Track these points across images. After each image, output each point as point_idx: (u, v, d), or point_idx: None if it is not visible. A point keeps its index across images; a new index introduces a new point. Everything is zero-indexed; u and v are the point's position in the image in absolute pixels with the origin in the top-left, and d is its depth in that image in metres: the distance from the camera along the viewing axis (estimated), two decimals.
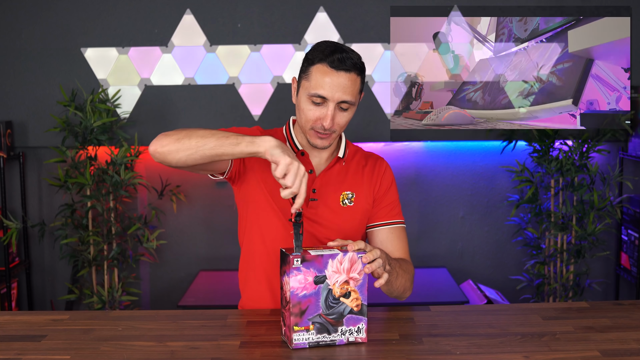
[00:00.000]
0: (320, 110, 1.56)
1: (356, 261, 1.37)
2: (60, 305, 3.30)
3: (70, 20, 3.12)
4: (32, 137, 3.20)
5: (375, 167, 1.74)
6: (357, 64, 1.57)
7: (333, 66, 1.53)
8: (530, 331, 1.45)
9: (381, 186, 1.72)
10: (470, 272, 3.30)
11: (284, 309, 1.39)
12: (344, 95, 1.55)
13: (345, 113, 1.58)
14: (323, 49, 1.57)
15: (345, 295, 1.37)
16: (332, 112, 1.55)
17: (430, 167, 3.26)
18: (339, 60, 1.53)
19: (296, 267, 1.34)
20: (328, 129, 1.57)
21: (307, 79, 1.57)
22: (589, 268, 3.13)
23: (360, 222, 1.70)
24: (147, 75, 3.15)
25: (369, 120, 3.14)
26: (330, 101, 1.55)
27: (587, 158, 3.02)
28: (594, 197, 2.97)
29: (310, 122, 1.58)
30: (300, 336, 1.36)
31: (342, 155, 1.70)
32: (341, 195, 1.68)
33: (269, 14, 3.12)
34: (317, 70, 1.55)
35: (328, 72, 1.54)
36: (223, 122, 3.15)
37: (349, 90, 1.55)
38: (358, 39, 3.12)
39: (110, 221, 3.06)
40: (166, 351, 1.37)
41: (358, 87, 1.58)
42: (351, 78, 1.55)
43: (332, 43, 1.59)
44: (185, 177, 3.23)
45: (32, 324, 1.55)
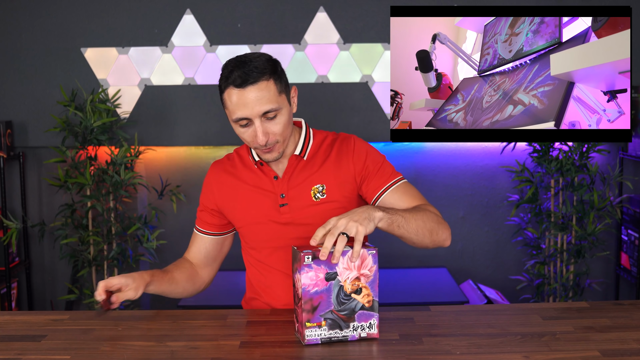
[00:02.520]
0: (251, 129, 1.54)
1: (367, 257, 1.38)
2: (60, 305, 3.30)
3: (70, 20, 3.12)
4: (32, 137, 3.20)
5: (342, 149, 1.68)
6: (262, 69, 1.51)
7: (237, 85, 1.49)
8: (530, 331, 1.45)
9: (356, 164, 1.66)
10: (470, 272, 3.30)
11: (296, 306, 1.40)
12: (262, 107, 1.50)
13: (275, 120, 1.54)
14: (225, 72, 1.53)
15: (356, 291, 1.38)
16: (261, 127, 1.52)
17: (430, 167, 3.26)
18: (240, 78, 1.49)
19: (307, 264, 1.35)
20: (264, 144, 1.55)
21: (225, 107, 1.55)
22: (589, 268, 3.13)
23: (341, 209, 1.65)
24: (147, 75, 3.16)
25: (369, 120, 3.14)
26: (253, 118, 1.52)
27: (587, 158, 3.02)
28: (594, 197, 2.97)
29: (250, 143, 1.58)
30: (313, 332, 1.37)
31: (299, 152, 1.66)
32: (311, 191, 1.65)
33: (269, 14, 3.12)
34: (228, 95, 1.52)
35: (236, 93, 1.50)
36: (223, 122, 3.15)
37: (265, 99, 1.50)
38: (358, 39, 3.12)
39: (110, 221, 3.06)
40: (166, 351, 1.37)
41: (274, 90, 1.52)
42: (261, 87, 1.50)
43: (233, 60, 1.54)
44: (185, 177, 3.23)
45: (32, 324, 1.55)
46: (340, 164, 1.67)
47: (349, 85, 3.13)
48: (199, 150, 3.25)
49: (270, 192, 1.67)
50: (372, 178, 1.66)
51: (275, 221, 1.66)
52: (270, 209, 1.66)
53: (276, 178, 1.66)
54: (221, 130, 3.16)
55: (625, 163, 3.20)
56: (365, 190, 1.68)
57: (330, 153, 1.68)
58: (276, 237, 1.66)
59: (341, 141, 1.70)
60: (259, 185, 1.68)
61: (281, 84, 1.56)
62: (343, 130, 1.88)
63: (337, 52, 3.13)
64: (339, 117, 3.11)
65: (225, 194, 1.71)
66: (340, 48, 3.12)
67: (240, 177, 1.70)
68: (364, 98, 3.13)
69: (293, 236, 1.64)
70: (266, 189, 1.67)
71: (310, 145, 1.69)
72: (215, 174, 1.74)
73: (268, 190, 1.67)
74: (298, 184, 1.66)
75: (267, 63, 1.53)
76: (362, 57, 3.12)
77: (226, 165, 1.75)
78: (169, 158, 3.25)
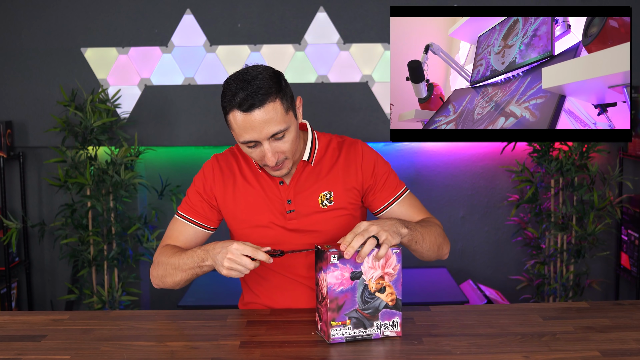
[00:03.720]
0: (259, 149, 1.51)
1: (391, 257, 1.40)
2: (60, 305, 3.30)
3: (70, 20, 3.12)
4: (32, 137, 3.20)
5: (350, 156, 1.67)
6: (267, 89, 1.46)
7: (244, 110, 1.45)
8: (530, 331, 1.45)
9: (364, 173, 1.66)
10: (470, 272, 3.30)
11: (320, 305, 1.41)
12: (270, 129, 1.47)
13: (284, 139, 1.51)
14: (228, 94, 1.47)
15: (380, 290, 1.40)
16: (270, 149, 1.50)
17: (430, 167, 3.26)
18: (246, 101, 1.44)
19: (333, 264, 1.36)
20: (274, 164, 1.52)
21: (231, 128, 1.51)
22: (589, 268, 3.13)
23: (348, 216, 1.66)
24: (147, 75, 3.16)
25: (369, 120, 3.14)
26: (262, 140, 1.49)
27: (587, 158, 3.02)
28: (594, 197, 2.97)
29: (259, 162, 1.56)
30: (338, 331, 1.38)
31: (307, 158, 1.64)
32: (319, 197, 1.64)
33: (269, 14, 3.12)
34: (233, 118, 1.48)
35: (243, 118, 1.46)
36: (223, 122, 3.14)
37: (273, 122, 1.46)
38: (358, 39, 3.12)
39: (110, 221, 3.06)
40: (166, 351, 1.37)
41: (281, 110, 1.48)
42: (268, 109, 1.45)
43: (234, 79, 1.48)
44: (185, 177, 3.23)
45: (32, 324, 1.55)
46: (348, 170, 1.66)
47: (349, 85, 3.13)
48: (199, 150, 3.25)
49: (275, 197, 1.64)
50: (379, 189, 1.68)
51: (281, 226, 1.64)
52: (276, 214, 1.64)
53: (282, 183, 1.64)
54: (221, 130, 3.16)
55: (625, 163, 3.20)
56: (371, 200, 1.70)
57: (338, 159, 1.67)
58: (281, 242, 1.63)
59: (348, 147, 1.69)
60: (263, 188, 1.65)
61: (287, 102, 1.50)
62: (343, 131, 1.89)
63: (337, 52, 3.13)
64: (339, 117, 3.11)
65: (226, 190, 1.67)
66: (340, 48, 3.12)
67: (245, 175, 1.67)
68: (364, 98, 3.13)
69: (298, 242, 1.63)
70: (271, 194, 1.64)
71: (316, 150, 1.67)
72: (218, 168, 1.69)
73: (273, 195, 1.64)
74: (305, 190, 1.64)
75: (271, 80, 1.47)
76: (362, 57, 3.12)
77: (230, 159, 1.70)
78: (169, 158, 3.25)
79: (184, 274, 1.57)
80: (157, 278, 1.64)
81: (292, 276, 1.67)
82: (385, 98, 3.12)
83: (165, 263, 1.60)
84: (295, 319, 1.55)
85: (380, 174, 1.68)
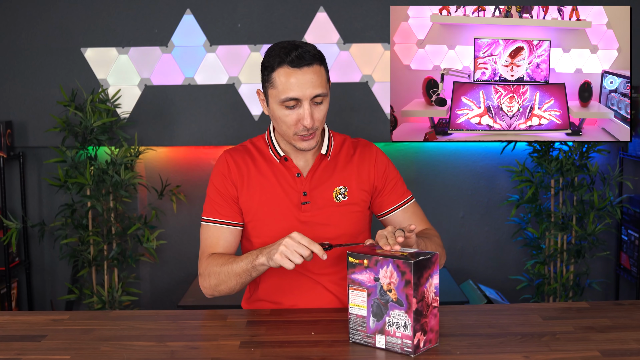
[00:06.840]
0: (297, 112, 1.54)
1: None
2: (60, 305, 3.30)
3: (70, 20, 3.12)
4: (32, 137, 3.20)
5: (364, 155, 1.71)
6: (316, 55, 1.54)
7: (294, 65, 1.50)
8: (530, 331, 1.45)
9: (377, 173, 1.70)
10: (470, 272, 3.30)
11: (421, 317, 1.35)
12: (315, 90, 1.52)
13: (321, 106, 1.56)
14: (278, 51, 1.53)
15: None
16: (309, 110, 1.53)
17: (430, 167, 3.26)
18: (298, 58, 1.50)
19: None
20: (310, 127, 1.55)
21: (273, 87, 1.54)
22: (589, 268, 3.13)
23: (360, 213, 1.69)
24: (147, 75, 3.16)
25: (369, 120, 3.14)
26: (303, 100, 1.52)
27: (587, 158, 3.02)
28: (594, 197, 2.97)
29: (292, 127, 1.56)
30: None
31: (325, 152, 1.67)
32: (333, 191, 1.67)
33: (269, 14, 3.12)
34: (280, 74, 1.52)
35: (292, 73, 1.51)
36: (223, 122, 3.15)
37: (318, 83, 1.52)
38: (358, 39, 3.12)
39: (110, 221, 3.06)
40: (166, 351, 1.37)
41: (324, 76, 1.55)
42: (315, 70, 1.52)
43: (284, 43, 1.55)
44: (185, 177, 3.23)
45: (32, 324, 1.55)
46: (362, 168, 1.70)
47: (349, 85, 3.13)
48: (199, 150, 3.25)
49: (292, 188, 1.66)
50: (387, 192, 1.71)
51: (294, 218, 1.65)
52: (290, 206, 1.65)
53: (299, 175, 1.66)
54: (221, 130, 3.16)
55: (625, 163, 3.20)
56: (378, 202, 1.73)
57: (353, 156, 1.71)
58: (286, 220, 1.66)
59: (363, 147, 1.74)
60: (279, 180, 1.66)
61: (327, 74, 1.58)
62: (343, 131, 1.89)
63: (337, 52, 3.13)
64: (339, 117, 3.11)
65: (242, 182, 1.67)
66: (340, 48, 3.12)
67: (259, 168, 1.68)
68: (364, 98, 3.13)
69: (309, 235, 1.61)
70: (287, 185, 1.66)
71: (332, 145, 1.70)
72: (232, 161, 1.68)
73: (289, 187, 1.66)
74: (321, 183, 1.67)
75: (317, 50, 1.56)
76: (362, 57, 3.12)
77: (243, 153, 1.70)
78: (169, 158, 3.26)
79: (239, 278, 1.58)
80: (210, 288, 1.64)
81: (309, 274, 1.67)
82: (386, 98, 3.12)
83: (217, 272, 1.61)
84: (295, 319, 1.55)
85: (390, 178, 1.72)
